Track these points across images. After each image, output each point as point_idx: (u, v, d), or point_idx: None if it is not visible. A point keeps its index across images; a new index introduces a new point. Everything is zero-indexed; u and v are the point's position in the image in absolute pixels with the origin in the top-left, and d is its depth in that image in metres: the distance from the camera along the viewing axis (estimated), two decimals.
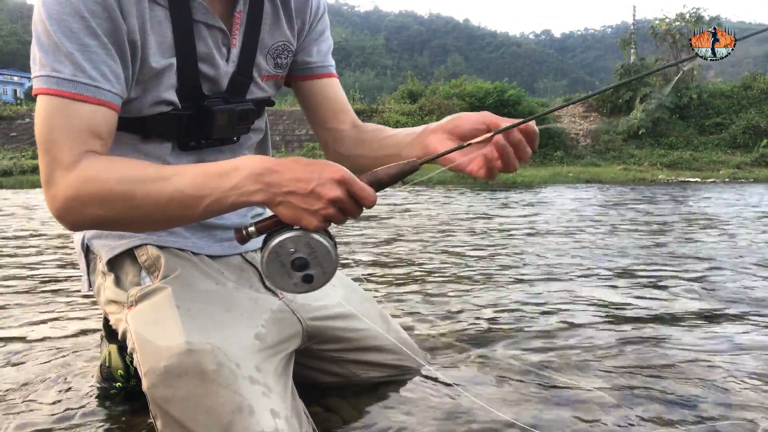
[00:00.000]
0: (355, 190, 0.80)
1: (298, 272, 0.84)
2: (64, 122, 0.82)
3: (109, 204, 0.81)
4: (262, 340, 0.97)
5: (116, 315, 1.00)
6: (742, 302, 2.08)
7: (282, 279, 0.85)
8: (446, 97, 19.53)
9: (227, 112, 1.02)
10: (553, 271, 2.69)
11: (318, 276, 0.86)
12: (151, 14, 0.90)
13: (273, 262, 0.84)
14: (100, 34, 0.84)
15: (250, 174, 0.79)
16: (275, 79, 1.13)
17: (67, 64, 0.82)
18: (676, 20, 21.72)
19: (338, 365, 1.20)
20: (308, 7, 1.12)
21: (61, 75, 0.82)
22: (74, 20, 0.81)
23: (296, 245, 0.83)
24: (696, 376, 1.34)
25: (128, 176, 0.81)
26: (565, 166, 16.26)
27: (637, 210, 6.06)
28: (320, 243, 0.83)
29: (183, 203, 0.81)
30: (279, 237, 0.83)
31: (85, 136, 0.83)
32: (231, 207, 0.82)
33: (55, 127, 0.82)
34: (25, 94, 40.33)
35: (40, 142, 0.83)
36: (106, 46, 0.85)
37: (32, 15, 0.85)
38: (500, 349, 1.53)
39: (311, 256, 0.84)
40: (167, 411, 0.86)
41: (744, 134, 18.31)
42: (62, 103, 0.82)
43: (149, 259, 0.99)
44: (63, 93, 0.82)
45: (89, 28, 0.82)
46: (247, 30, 1.02)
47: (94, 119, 0.84)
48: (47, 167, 0.82)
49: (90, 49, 0.83)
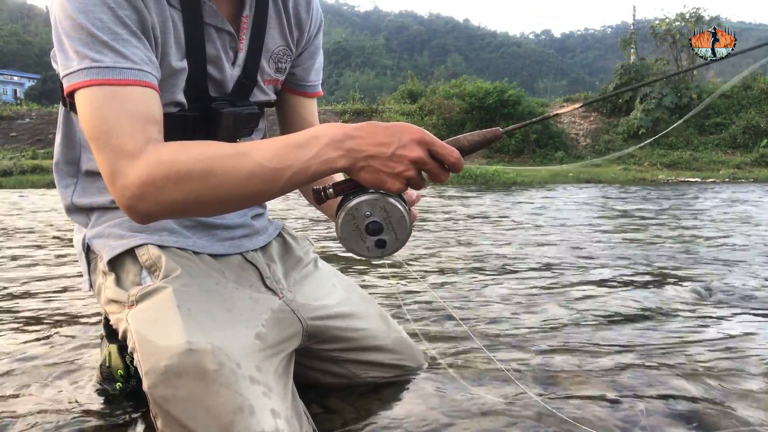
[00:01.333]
0: (437, 149, 0.79)
1: (371, 236, 0.85)
2: (120, 109, 0.80)
3: (187, 185, 0.78)
4: (262, 340, 0.97)
5: (117, 314, 1.00)
6: (744, 302, 2.08)
7: (355, 242, 0.85)
8: (446, 97, 19.56)
9: (233, 115, 1.04)
10: (552, 270, 2.69)
11: (391, 242, 0.86)
12: (168, 14, 0.91)
13: (348, 224, 0.84)
14: (129, 24, 0.84)
15: (331, 141, 0.78)
16: (275, 83, 1.15)
17: (107, 52, 0.80)
18: (676, 20, 21.76)
19: (338, 365, 1.20)
20: (309, 17, 1.13)
21: (103, 64, 0.80)
22: (102, 11, 0.81)
23: (372, 208, 0.83)
24: (696, 376, 1.34)
25: (205, 154, 0.79)
26: (566, 166, 16.28)
27: (636, 210, 6.06)
28: (396, 207, 0.83)
29: (265, 177, 0.79)
30: (356, 199, 0.83)
31: (144, 121, 0.81)
32: (313, 176, 0.80)
33: (109, 116, 0.79)
34: (25, 94, 40.29)
35: (96, 135, 0.80)
36: (136, 34, 0.85)
37: (53, 13, 0.83)
38: (501, 350, 1.53)
39: (386, 221, 0.84)
40: (168, 410, 0.86)
41: (744, 134, 18.34)
42: (112, 91, 0.80)
43: (150, 259, 0.99)
44: (110, 81, 0.80)
45: (118, 17, 0.82)
46: (252, 34, 1.04)
47: (146, 102, 0.83)
48: (110, 158, 0.79)
49: (122, 37, 0.82)
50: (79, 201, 1.07)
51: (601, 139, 19.25)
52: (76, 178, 1.08)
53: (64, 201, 1.10)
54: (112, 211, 1.06)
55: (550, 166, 16.43)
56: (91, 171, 1.05)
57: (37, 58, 66.67)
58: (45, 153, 16.13)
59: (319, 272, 1.24)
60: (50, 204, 7.20)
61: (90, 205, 1.07)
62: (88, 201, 1.07)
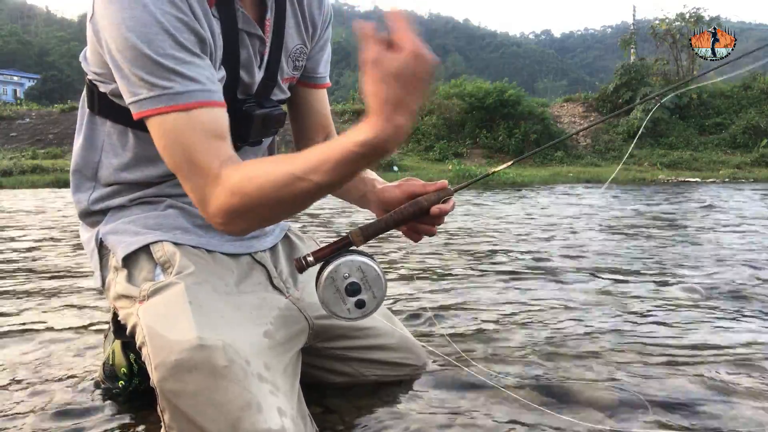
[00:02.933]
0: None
1: (351, 297, 0.91)
2: (193, 135, 0.85)
3: (259, 212, 0.86)
4: (270, 338, 0.98)
5: (126, 309, 1.01)
6: (744, 302, 2.09)
7: (337, 305, 0.92)
8: (446, 97, 19.52)
9: (263, 117, 1.07)
10: (551, 269, 2.69)
11: (369, 300, 0.92)
12: (213, 26, 0.94)
13: (329, 288, 0.91)
14: (189, 47, 0.87)
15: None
16: (291, 81, 1.18)
17: (175, 78, 0.84)
18: (676, 20, 21.75)
19: (343, 363, 1.21)
20: (321, 14, 1.16)
21: (173, 90, 0.84)
22: (165, 38, 0.83)
23: (350, 270, 0.91)
24: (698, 374, 1.35)
25: (269, 182, 0.83)
26: (565, 166, 16.28)
27: (636, 210, 6.07)
28: (371, 267, 0.91)
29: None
30: (334, 262, 0.91)
31: (214, 140, 0.86)
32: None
33: (189, 144, 0.85)
34: (25, 94, 40.28)
35: (178, 166, 0.86)
36: (198, 55, 0.88)
37: (109, 41, 0.85)
38: (503, 348, 1.54)
39: (363, 281, 0.91)
40: (176, 405, 0.86)
41: (744, 134, 18.34)
42: (186, 117, 0.84)
43: (164, 255, 1.01)
44: (181, 106, 0.84)
45: (179, 43, 0.85)
46: (274, 36, 1.07)
47: (215, 120, 0.87)
48: (194, 187, 0.87)
49: (185, 60, 0.85)
50: (96, 205, 1.09)
51: (601, 139, 19.25)
52: (95, 182, 1.10)
53: (80, 206, 1.11)
54: (127, 209, 1.07)
55: (550, 166, 16.44)
56: (109, 175, 1.07)
57: (37, 58, 66.64)
58: (45, 153, 16.13)
59: None
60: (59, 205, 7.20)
61: (106, 207, 1.08)
62: (105, 204, 1.08)
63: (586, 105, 21.96)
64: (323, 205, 6.22)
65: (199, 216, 1.07)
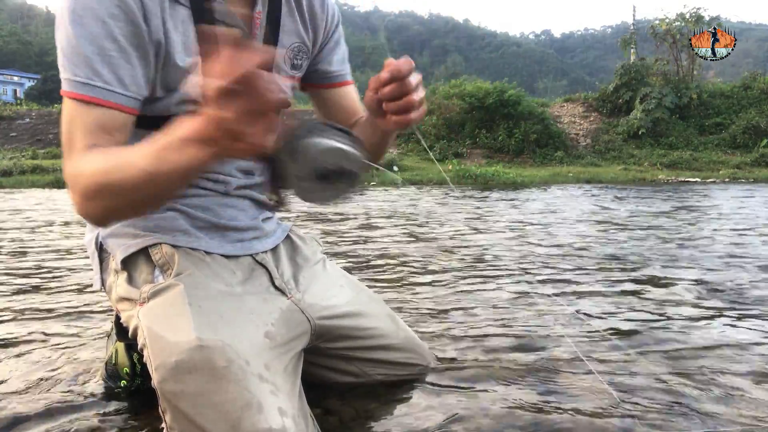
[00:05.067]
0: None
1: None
2: (80, 122, 0.86)
3: (93, 201, 0.82)
4: (271, 339, 0.98)
5: (128, 312, 1.01)
6: (744, 302, 2.09)
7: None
8: (446, 97, 19.50)
9: None
10: (551, 269, 2.70)
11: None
12: (173, 13, 0.92)
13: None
14: (120, 38, 0.87)
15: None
16: (293, 81, 1.16)
17: (83, 67, 0.85)
18: (676, 20, 21.72)
19: (348, 363, 1.21)
20: (325, 14, 1.15)
21: (77, 78, 0.85)
22: (95, 25, 0.85)
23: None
24: (698, 375, 1.35)
25: (100, 169, 0.81)
26: (565, 166, 16.28)
27: (636, 209, 6.07)
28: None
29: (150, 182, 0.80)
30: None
31: (100, 133, 0.86)
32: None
33: (74, 130, 0.86)
34: (25, 94, 40.25)
35: (64, 144, 0.88)
36: (125, 50, 0.88)
37: (55, 19, 0.88)
38: (503, 348, 1.54)
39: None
40: (177, 406, 0.87)
41: (744, 134, 18.31)
42: (79, 106, 0.86)
43: (163, 257, 1.01)
44: (79, 96, 0.86)
45: (110, 32, 0.86)
46: (266, 31, 1.05)
47: (104, 120, 0.87)
48: (65, 166, 0.86)
49: (108, 53, 0.86)
50: None
51: (601, 139, 19.23)
52: None
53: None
54: None
55: (550, 166, 16.44)
56: None
57: (37, 58, 66.61)
58: (45, 153, 16.13)
59: (327, 273, 1.25)
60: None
61: None
62: None
63: (586, 105, 21.94)
64: (325, 209, 6.22)
65: (199, 218, 1.08)
